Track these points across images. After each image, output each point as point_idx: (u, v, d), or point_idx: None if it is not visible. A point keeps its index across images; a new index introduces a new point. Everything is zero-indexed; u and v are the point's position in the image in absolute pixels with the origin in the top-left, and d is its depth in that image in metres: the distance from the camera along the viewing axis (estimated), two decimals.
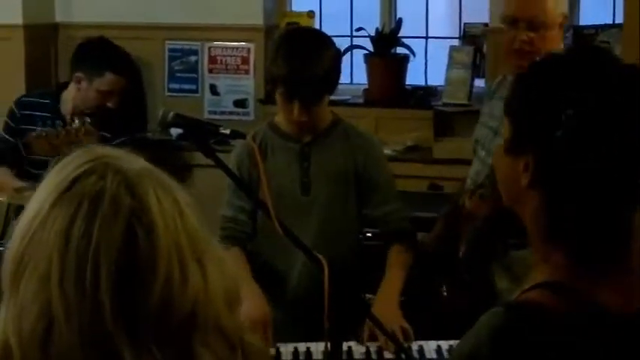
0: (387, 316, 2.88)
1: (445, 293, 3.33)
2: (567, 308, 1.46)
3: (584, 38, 5.28)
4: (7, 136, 4.22)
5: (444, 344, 2.89)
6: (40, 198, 1.23)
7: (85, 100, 4.23)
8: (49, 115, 4.24)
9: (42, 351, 1.16)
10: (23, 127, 4.20)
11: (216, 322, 1.23)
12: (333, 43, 3.15)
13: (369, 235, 3.47)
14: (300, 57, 3.02)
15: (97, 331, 1.16)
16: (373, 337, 2.90)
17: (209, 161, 2.66)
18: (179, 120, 2.75)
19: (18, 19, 5.69)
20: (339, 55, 3.15)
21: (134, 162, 1.27)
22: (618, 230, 1.50)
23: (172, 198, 1.25)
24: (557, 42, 3.30)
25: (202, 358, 1.21)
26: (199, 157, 2.73)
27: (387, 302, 3.01)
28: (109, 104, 4.23)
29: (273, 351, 2.85)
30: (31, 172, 4.01)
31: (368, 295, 3.89)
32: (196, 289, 1.21)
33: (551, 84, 1.55)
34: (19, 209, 1.25)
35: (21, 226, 1.22)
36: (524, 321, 1.45)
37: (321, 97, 3.08)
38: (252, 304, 2.92)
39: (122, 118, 4.44)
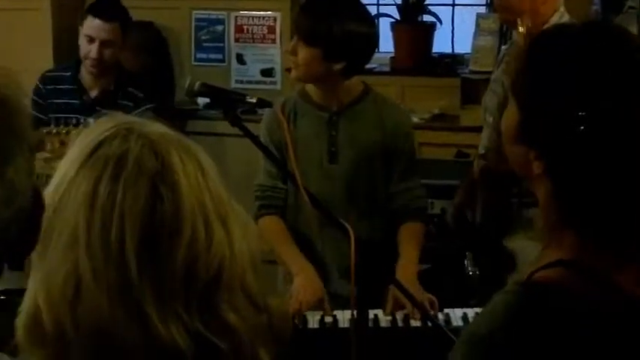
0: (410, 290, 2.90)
1: (468, 263, 3.34)
2: (585, 287, 1.42)
3: (613, 4, 5.23)
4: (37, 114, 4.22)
5: (470, 312, 2.90)
6: (65, 165, 1.25)
7: (81, 49, 4.21)
8: (70, 87, 4.25)
9: (71, 311, 1.18)
10: (50, 101, 4.22)
11: (241, 282, 1.24)
12: (372, 19, 3.19)
13: None
14: (327, 6, 3.06)
15: (123, 290, 1.17)
16: (397, 308, 2.91)
17: (236, 130, 2.67)
18: (205, 89, 2.76)
19: None
20: (364, 33, 3.09)
21: (157, 127, 1.28)
22: (633, 214, 1.45)
23: (195, 159, 1.26)
24: (542, 2, 3.27)
25: (228, 317, 1.21)
26: (226, 126, 2.73)
27: (406, 278, 3.01)
28: (106, 57, 4.17)
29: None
30: None
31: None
32: (222, 249, 1.22)
33: (564, 73, 1.47)
34: (48, 179, 1.26)
35: (48, 193, 1.24)
36: (542, 300, 1.42)
37: (318, 43, 3.02)
38: (304, 279, 2.95)
39: (148, 87, 4.44)
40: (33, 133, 1.07)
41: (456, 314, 2.91)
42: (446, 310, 2.93)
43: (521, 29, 3.19)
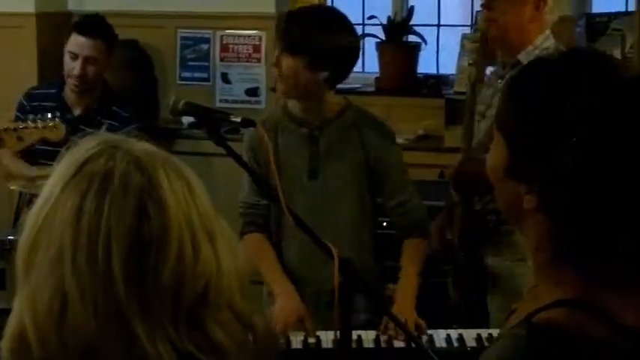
0: (399, 313, 2.90)
1: (449, 285, 3.35)
2: (591, 328, 1.38)
3: (597, 26, 5.26)
4: None
5: (454, 333, 2.90)
6: (51, 183, 1.24)
7: (65, 66, 4.20)
8: (54, 104, 4.24)
9: (57, 329, 1.17)
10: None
11: (228, 300, 1.24)
12: (353, 31, 3.19)
13: (384, 224, 3.47)
14: (310, 18, 3.10)
15: (110, 307, 1.17)
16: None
17: (221, 150, 2.67)
18: (190, 108, 2.75)
19: (30, 8, 5.69)
20: (351, 40, 3.13)
21: (143, 145, 1.28)
22: (631, 248, 1.42)
23: (182, 176, 1.26)
24: (524, 21, 3.28)
25: (215, 335, 1.21)
26: (211, 146, 2.72)
27: (404, 302, 3.01)
28: (89, 74, 4.16)
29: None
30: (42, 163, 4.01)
31: (391, 286, 3.90)
32: (209, 266, 1.22)
33: (549, 104, 1.44)
34: (32, 198, 1.25)
35: (33, 212, 1.23)
36: (549, 346, 1.38)
37: (302, 51, 3.03)
38: (285, 300, 2.95)
39: (132, 106, 4.43)
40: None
41: (439, 335, 2.91)
42: (429, 332, 2.92)
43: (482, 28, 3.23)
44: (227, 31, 5.84)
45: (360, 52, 5.85)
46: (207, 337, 1.21)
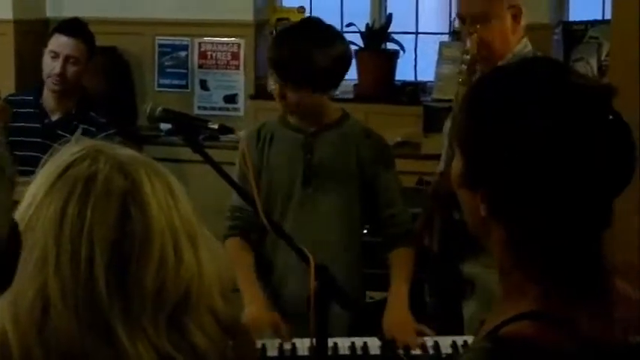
0: (399, 326, 2.92)
1: (425, 292, 3.36)
2: (554, 339, 1.39)
3: (574, 34, 5.29)
4: None
5: (429, 340, 2.90)
6: (34, 187, 1.26)
7: (44, 67, 4.19)
8: (32, 110, 4.23)
9: (39, 333, 1.18)
10: (11, 124, 4.19)
11: (210, 305, 1.25)
12: (338, 39, 3.17)
13: (364, 231, 3.48)
14: (304, 41, 3.04)
15: (91, 308, 1.18)
16: None
17: (199, 157, 2.67)
18: (167, 115, 2.75)
19: (8, 15, 5.69)
20: (338, 51, 3.10)
21: (125, 150, 1.29)
22: (588, 256, 1.43)
23: (164, 181, 1.27)
24: (508, 34, 3.30)
25: (195, 338, 1.22)
26: (189, 153, 2.73)
27: (397, 311, 3.01)
28: (69, 74, 4.15)
29: (259, 344, 2.86)
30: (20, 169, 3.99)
31: (372, 294, 3.90)
32: (190, 270, 1.23)
33: (499, 114, 1.46)
34: (14, 204, 1.25)
35: (18, 212, 1.23)
36: (517, 357, 1.39)
37: (310, 83, 3.03)
38: (255, 310, 2.95)
39: (109, 111, 4.42)
40: (11, 167, 1.05)
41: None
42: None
43: (473, 51, 3.25)
44: (205, 38, 5.84)
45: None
46: (188, 341, 1.22)
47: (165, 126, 5.47)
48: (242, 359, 1.30)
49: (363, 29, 5.74)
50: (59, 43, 4.17)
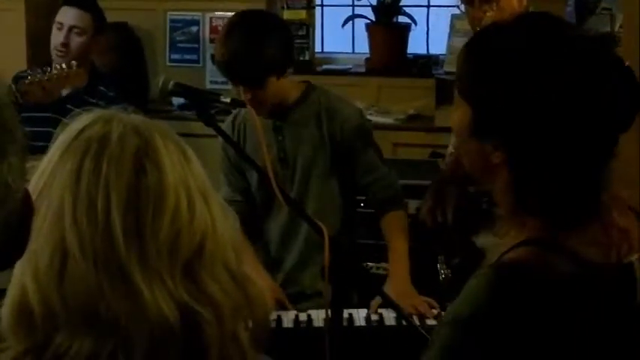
0: (404, 294, 2.93)
1: (442, 269, 3.35)
2: (552, 261, 1.48)
3: (586, 5, 5.26)
4: None
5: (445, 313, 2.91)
6: (48, 155, 1.28)
7: (52, 38, 4.19)
8: None
9: (58, 283, 1.19)
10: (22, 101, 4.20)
11: (223, 259, 1.27)
12: (277, 26, 3.12)
13: (362, 204, 3.49)
14: (236, 43, 3.00)
15: (110, 259, 1.19)
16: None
17: (210, 131, 2.67)
18: (179, 88, 2.75)
19: None
20: (281, 40, 3.07)
21: (138, 116, 1.31)
22: (590, 190, 1.53)
23: (177, 145, 1.29)
24: (515, 8, 3.29)
25: (211, 289, 1.24)
26: (200, 127, 2.73)
27: (399, 280, 3.03)
28: (73, 44, 4.15)
29: (274, 315, 2.88)
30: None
31: (369, 264, 3.92)
32: (204, 223, 1.25)
33: (508, 62, 1.52)
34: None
35: (32, 182, 1.25)
36: (514, 278, 1.47)
37: (261, 82, 3.02)
38: (260, 280, 2.96)
39: (120, 86, 4.42)
40: (24, 134, 1.06)
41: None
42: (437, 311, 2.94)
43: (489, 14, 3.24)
44: (216, 12, 5.83)
45: (350, 33, 5.90)
46: (202, 290, 1.23)
47: (177, 100, 5.51)
48: (255, 317, 1.31)
49: (374, 3, 5.72)
50: (65, 14, 4.17)
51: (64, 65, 3.66)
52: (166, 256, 1.22)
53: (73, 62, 3.67)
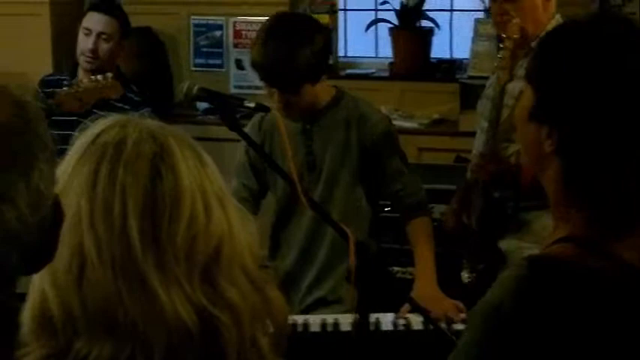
0: (432, 298, 2.93)
1: (467, 274, 3.35)
2: (590, 261, 1.48)
3: (611, 9, 5.24)
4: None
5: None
6: (66, 159, 1.28)
7: (78, 45, 4.21)
8: None
9: (77, 289, 1.20)
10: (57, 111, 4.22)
11: (240, 263, 1.27)
12: (316, 31, 3.08)
13: (386, 208, 3.49)
14: (275, 48, 2.98)
15: (127, 264, 1.20)
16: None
17: (235, 135, 2.67)
18: (204, 93, 2.75)
19: None
20: (319, 46, 3.04)
21: (154, 122, 1.32)
22: (636, 190, 1.52)
23: (193, 150, 1.29)
24: (540, 11, 3.29)
25: (229, 293, 1.24)
26: (225, 132, 2.73)
27: (427, 284, 3.02)
28: (101, 50, 4.17)
29: (301, 319, 2.88)
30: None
31: (395, 268, 3.92)
32: (220, 228, 1.25)
33: (574, 52, 1.55)
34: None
35: None
36: (547, 273, 1.48)
37: (297, 88, 3.02)
38: None
39: (145, 91, 4.43)
40: (53, 140, 1.06)
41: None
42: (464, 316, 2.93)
43: (515, 35, 3.23)
44: (240, 17, 5.84)
45: (373, 38, 5.90)
46: (220, 294, 1.23)
47: (201, 105, 5.52)
48: (275, 321, 1.31)
49: (397, 7, 5.72)
50: (92, 19, 4.19)
51: (99, 77, 3.69)
52: (183, 260, 1.22)
53: (109, 74, 3.70)
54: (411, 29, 5.74)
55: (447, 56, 5.88)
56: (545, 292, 1.47)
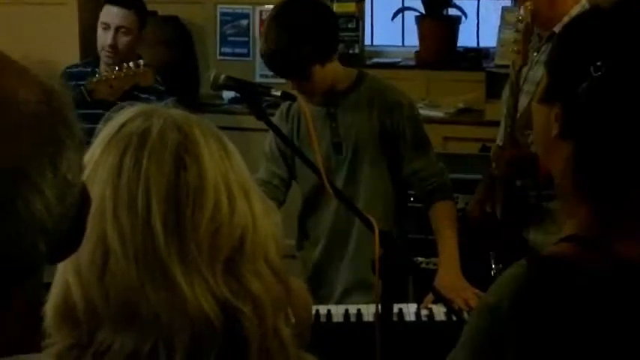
0: (455, 287, 2.93)
1: (493, 261, 3.34)
2: (590, 261, 1.47)
3: None
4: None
5: None
6: (91, 149, 1.28)
7: (98, 38, 4.23)
8: None
9: (99, 280, 1.20)
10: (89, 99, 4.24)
11: (264, 253, 1.26)
12: (317, 14, 3.09)
13: (412, 198, 3.49)
14: (273, 38, 3.00)
15: (150, 255, 1.20)
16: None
17: (261, 125, 2.67)
18: (230, 82, 2.76)
19: None
20: (320, 26, 3.06)
21: (179, 111, 1.32)
22: (637, 182, 1.49)
23: (218, 140, 1.29)
24: None
25: (252, 285, 1.24)
26: (251, 121, 2.73)
27: (449, 272, 3.02)
28: (121, 44, 4.17)
29: (325, 310, 2.89)
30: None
31: (419, 259, 3.92)
32: (244, 219, 1.25)
33: (585, 37, 1.54)
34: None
35: None
36: (547, 273, 1.47)
37: (304, 72, 3.03)
38: None
39: (170, 81, 4.44)
40: (81, 129, 1.07)
41: None
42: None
43: (528, 19, 3.22)
44: (266, 6, 5.83)
45: (400, 26, 5.89)
46: (243, 286, 1.23)
47: (227, 94, 5.53)
48: (297, 313, 1.32)
49: None
50: (109, 14, 4.19)
51: (131, 64, 3.71)
52: (207, 251, 1.22)
53: (141, 61, 3.72)
54: (438, 17, 5.73)
55: (474, 45, 5.86)
56: (544, 292, 1.46)
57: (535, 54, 3.37)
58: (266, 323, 1.24)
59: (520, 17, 3.28)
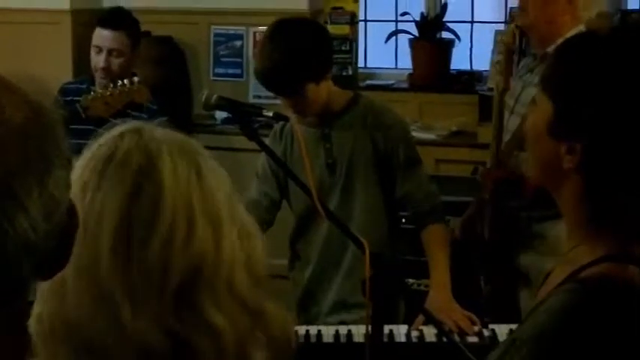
0: (445, 309, 2.92)
1: (483, 286, 3.34)
2: (637, 278, 1.44)
3: (632, 23, 5.22)
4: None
5: (485, 331, 2.88)
6: (75, 166, 1.26)
7: (92, 61, 4.23)
8: None
9: (60, 307, 1.19)
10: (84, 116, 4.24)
11: (229, 284, 1.22)
12: (311, 32, 3.10)
13: (403, 220, 3.48)
14: (267, 55, 3.00)
15: (96, 281, 1.18)
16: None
17: (253, 145, 2.67)
18: (222, 102, 2.76)
19: (66, 4, 5.75)
20: (313, 44, 3.06)
21: (161, 131, 1.29)
22: None
23: (192, 161, 1.25)
24: (558, 11, 3.28)
25: (213, 317, 1.20)
26: (243, 141, 2.73)
27: (441, 294, 3.01)
28: (113, 66, 4.17)
29: (315, 330, 2.88)
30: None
31: (410, 280, 3.91)
32: (203, 247, 1.21)
33: (597, 64, 1.50)
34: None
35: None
36: (609, 293, 1.43)
37: (297, 90, 3.02)
38: None
39: (163, 100, 4.44)
40: (68, 146, 1.06)
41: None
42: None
43: (508, 40, 3.24)
44: (260, 27, 5.84)
45: (393, 49, 5.91)
46: (203, 319, 1.20)
47: (220, 115, 5.53)
48: (275, 342, 1.27)
49: (418, 18, 5.72)
50: (101, 36, 4.19)
51: (126, 81, 3.72)
52: (156, 280, 1.18)
53: (135, 78, 3.73)
54: (431, 40, 5.74)
55: (467, 68, 5.87)
56: (601, 316, 1.42)
57: (528, 74, 3.38)
58: (226, 354, 1.20)
59: (503, 38, 3.29)
